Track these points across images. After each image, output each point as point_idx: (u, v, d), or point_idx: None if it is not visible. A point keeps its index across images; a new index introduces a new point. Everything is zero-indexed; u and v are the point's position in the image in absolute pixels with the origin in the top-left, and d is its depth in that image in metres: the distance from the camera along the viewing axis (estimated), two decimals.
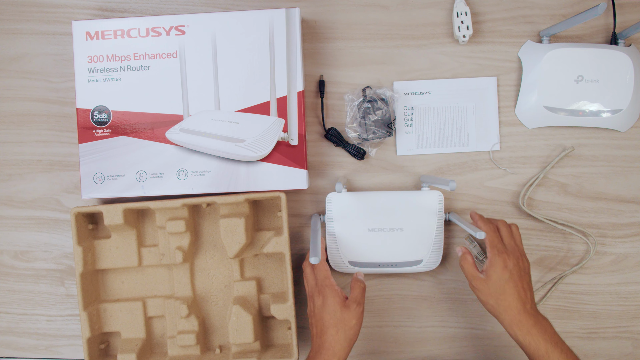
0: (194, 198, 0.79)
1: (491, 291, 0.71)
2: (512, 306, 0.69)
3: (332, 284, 0.74)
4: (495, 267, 0.71)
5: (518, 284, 0.71)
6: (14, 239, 0.86)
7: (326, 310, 0.72)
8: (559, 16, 0.84)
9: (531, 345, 0.68)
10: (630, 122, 0.83)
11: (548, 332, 0.68)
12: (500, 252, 0.72)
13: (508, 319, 0.69)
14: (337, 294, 0.73)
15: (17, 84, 0.85)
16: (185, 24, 0.79)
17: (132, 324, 0.82)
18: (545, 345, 0.67)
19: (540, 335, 0.68)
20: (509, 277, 0.71)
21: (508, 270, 0.71)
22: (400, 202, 0.80)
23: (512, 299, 0.70)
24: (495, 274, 0.71)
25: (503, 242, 0.75)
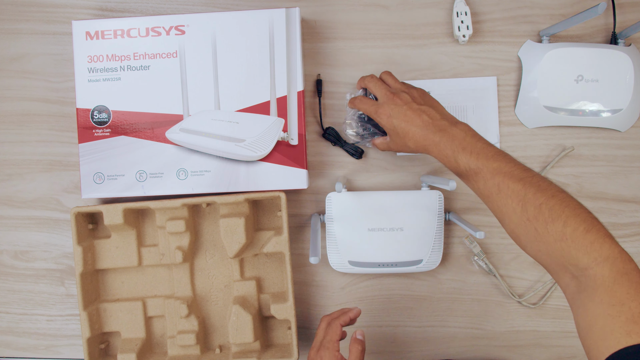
0: (194, 198, 0.79)
1: (398, 140, 0.69)
2: (416, 136, 0.67)
3: (334, 347, 0.67)
4: (382, 123, 0.70)
5: (407, 115, 0.67)
6: (14, 239, 0.86)
7: None
8: (559, 16, 0.84)
9: (442, 159, 0.65)
10: (630, 122, 0.83)
11: (456, 138, 0.65)
12: (376, 109, 0.70)
13: (420, 147, 0.67)
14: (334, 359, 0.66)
15: (17, 84, 0.85)
16: (185, 24, 0.79)
17: (132, 323, 0.82)
18: (453, 154, 0.64)
19: (447, 144, 0.64)
20: (396, 119, 0.68)
21: (392, 116, 0.68)
22: (400, 202, 0.80)
23: (412, 132, 0.67)
24: (387, 127, 0.69)
25: (390, 89, 0.72)
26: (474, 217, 0.85)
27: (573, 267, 0.53)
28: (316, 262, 0.69)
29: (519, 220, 0.58)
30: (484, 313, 0.85)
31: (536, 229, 0.56)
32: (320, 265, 0.85)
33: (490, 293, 0.85)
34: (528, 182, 0.58)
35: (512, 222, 0.59)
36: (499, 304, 0.85)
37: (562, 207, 0.55)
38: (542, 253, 0.56)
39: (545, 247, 0.55)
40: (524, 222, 0.57)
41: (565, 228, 0.54)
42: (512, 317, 0.85)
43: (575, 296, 0.53)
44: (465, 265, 0.85)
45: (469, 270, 0.85)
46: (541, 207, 0.56)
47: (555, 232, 0.54)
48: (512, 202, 0.58)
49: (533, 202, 0.57)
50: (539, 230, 0.55)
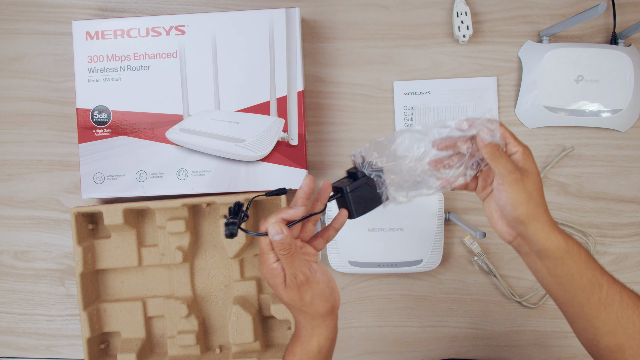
0: (194, 198, 0.79)
1: (532, 187, 0.55)
2: (547, 211, 0.56)
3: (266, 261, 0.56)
4: (531, 157, 0.56)
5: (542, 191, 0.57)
6: (14, 239, 0.86)
7: (274, 292, 0.60)
8: (559, 16, 0.84)
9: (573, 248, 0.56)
10: (630, 122, 0.83)
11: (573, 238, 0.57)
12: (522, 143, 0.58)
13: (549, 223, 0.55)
14: (273, 273, 0.56)
15: (17, 84, 0.85)
16: (185, 24, 0.79)
17: (132, 324, 0.82)
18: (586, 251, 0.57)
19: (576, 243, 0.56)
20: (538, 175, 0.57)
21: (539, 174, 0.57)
22: None
23: (543, 202, 0.56)
24: (533, 166, 0.56)
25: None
26: (474, 217, 0.85)
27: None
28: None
29: (636, 334, 0.55)
30: (484, 313, 0.85)
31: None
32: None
33: (490, 293, 0.85)
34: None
35: (625, 335, 0.55)
36: (499, 304, 0.85)
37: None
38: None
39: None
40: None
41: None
42: (512, 317, 0.85)
43: None
44: (465, 265, 0.85)
45: (469, 270, 0.85)
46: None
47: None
48: (632, 314, 0.55)
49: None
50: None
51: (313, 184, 0.57)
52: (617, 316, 0.56)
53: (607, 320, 0.56)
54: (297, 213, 0.55)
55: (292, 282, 0.55)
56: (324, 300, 0.57)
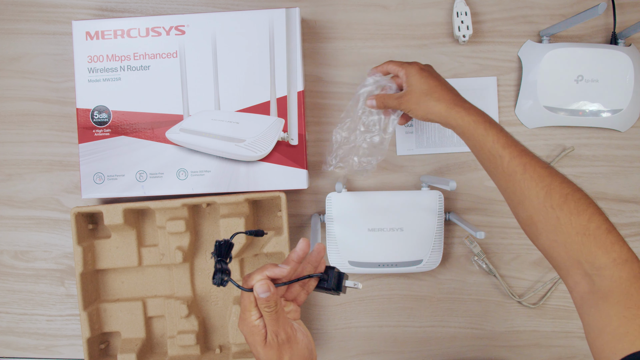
0: (194, 198, 0.79)
1: (419, 94, 0.67)
2: (445, 95, 0.66)
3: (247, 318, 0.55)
4: (412, 74, 0.68)
5: (441, 80, 0.68)
6: (14, 239, 0.86)
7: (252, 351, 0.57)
8: (559, 16, 0.84)
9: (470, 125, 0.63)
10: (630, 122, 0.83)
11: (486, 115, 0.64)
12: (410, 64, 0.70)
13: (444, 107, 0.65)
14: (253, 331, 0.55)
15: (17, 84, 0.85)
16: (185, 24, 0.79)
17: (132, 324, 0.82)
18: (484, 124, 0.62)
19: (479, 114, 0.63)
20: (428, 75, 0.68)
21: (425, 71, 0.68)
22: (400, 202, 0.80)
23: (440, 90, 0.67)
24: (414, 77, 0.68)
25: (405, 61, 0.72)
26: (474, 217, 0.85)
27: (588, 265, 0.52)
28: None
29: (541, 206, 0.56)
30: (484, 313, 0.85)
31: (558, 218, 0.54)
32: None
33: (490, 293, 0.85)
34: (554, 171, 0.57)
35: (532, 206, 0.56)
36: (499, 304, 0.85)
37: (587, 202, 0.55)
38: (558, 244, 0.55)
39: (563, 238, 0.54)
40: (547, 208, 0.55)
41: (589, 223, 0.53)
42: (512, 317, 0.85)
43: (585, 296, 0.52)
44: (465, 265, 0.85)
45: (469, 270, 0.85)
46: (567, 197, 0.55)
47: (578, 225, 0.53)
48: (536, 186, 0.56)
49: (559, 191, 0.55)
50: (561, 220, 0.54)
51: (307, 249, 0.58)
52: (521, 187, 0.58)
53: (515, 191, 0.59)
54: (283, 272, 0.55)
55: (273, 340, 0.54)
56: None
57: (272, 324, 0.54)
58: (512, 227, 0.84)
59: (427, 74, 0.68)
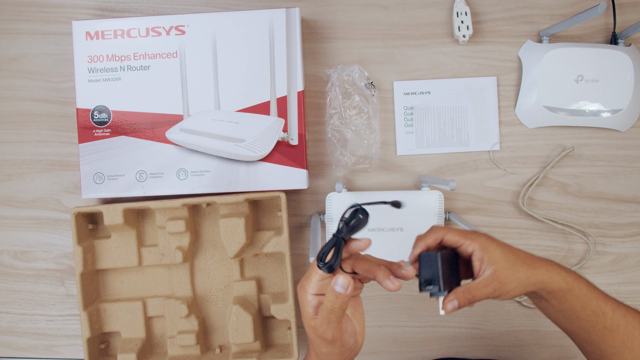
0: (194, 198, 0.79)
1: (510, 267, 0.56)
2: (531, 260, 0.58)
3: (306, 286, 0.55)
4: (489, 246, 0.57)
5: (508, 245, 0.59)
6: (14, 239, 0.86)
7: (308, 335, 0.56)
8: (559, 16, 0.84)
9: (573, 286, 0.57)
10: (630, 122, 0.83)
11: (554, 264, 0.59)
12: (471, 233, 0.58)
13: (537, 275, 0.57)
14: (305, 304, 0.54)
15: (17, 84, 0.85)
16: (185, 24, 0.79)
17: (132, 324, 0.82)
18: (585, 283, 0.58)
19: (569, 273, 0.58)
20: (500, 242, 0.58)
21: (493, 239, 0.58)
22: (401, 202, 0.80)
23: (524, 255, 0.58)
24: (495, 251, 0.56)
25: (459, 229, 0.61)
26: (474, 217, 0.85)
27: None
28: None
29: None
30: (484, 313, 0.85)
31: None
32: None
33: None
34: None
35: (632, 355, 0.58)
36: (499, 304, 0.85)
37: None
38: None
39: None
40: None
41: None
42: (512, 317, 0.85)
43: None
44: None
45: None
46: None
47: None
48: (638, 335, 0.57)
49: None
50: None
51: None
52: (623, 339, 0.58)
53: (614, 344, 0.58)
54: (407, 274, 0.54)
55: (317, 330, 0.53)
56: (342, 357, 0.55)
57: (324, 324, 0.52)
58: (512, 227, 0.84)
59: (497, 241, 0.58)
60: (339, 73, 0.81)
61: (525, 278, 0.56)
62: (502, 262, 0.56)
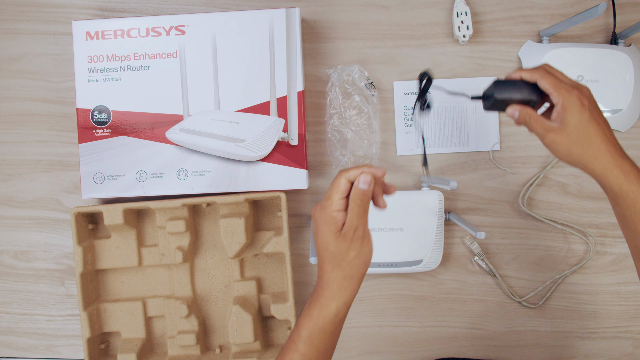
0: (194, 198, 0.79)
1: (573, 138, 0.57)
2: (603, 149, 0.57)
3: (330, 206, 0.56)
4: (571, 108, 0.57)
5: (601, 123, 0.58)
6: (14, 239, 0.86)
7: (318, 240, 0.57)
8: (559, 16, 0.84)
9: (629, 193, 0.56)
10: (630, 122, 0.83)
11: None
12: (570, 89, 0.58)
13: (601, 165, 0.57)
14: (331, 221, 0.56)
15: (17, 84, 0.85)
16: (185, 24, 0.79)
17: (132, 324, 0.82)
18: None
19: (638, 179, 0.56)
20: (589, 116, 0.57)
21: (587, 108, 0.57)
22: (400, 202, 0.80)
23: (600, 141, 0.57)
24: (573, 116, 0.57)
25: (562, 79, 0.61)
26: (474, 217, 0.85)
27: None
28: (316, 262, 0.69)
29: None
30: (484, 313, 0.85)
31: None
32: None
33: (490, 293, 0.85)
34: None
35: None
36: (499, 304, 0.85)
37: None
38: None
39: None
40: None
41: None
42: (512, 317, 0.85)
43: None
44: (466, 265, 0.85)
45: (469, 270, 0.85)
46: None
47: None
48: None
49: None
50: None
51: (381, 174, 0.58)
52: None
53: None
54: (379, 173, 0.56)
55: (348, 233, 0.56)
56: (363, 263, 0.57)
57: (355, 218, 0.55)
58: (512, 227, 0.84)
59: (589, 114, 0.58)
60: (339, 73, 0.81)
61: (588, 165, 0.58)
62: (573, 133, 0.58)
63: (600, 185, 0.59)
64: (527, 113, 0.60)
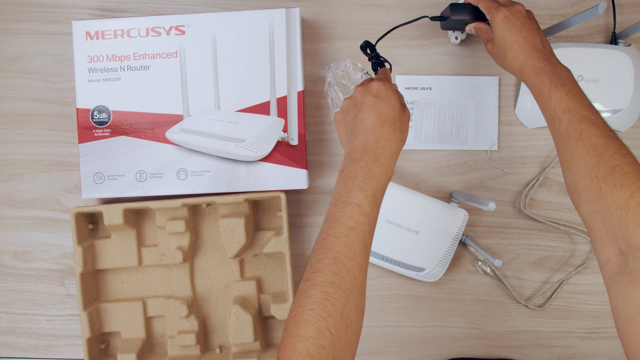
0: (194, 198, 0.79)
1: (497, 47, 0.68)
2: (520, 52, 0.65)
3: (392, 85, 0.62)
4: (495, 22, 0.67)
5: (524, 31, 0.66)
6: (14, 239, 0.86)
7: (383, 102, 0.58)
8: (559, 16, 0.84)
9: (536, 85, 0.62)
10: (630, 122, 0.83)
11: (559, 75, 0.61)
12: (498, 7, 0.68)
13: (517, 66, 0.65)
14: (397, 94, 0.61)
15: (17, 84, 0.85)
16: (185, 24, 0.79)
17: (132, 324, 0.82)
18: (550, 86, 0.61)
19: (548, 75, 0.61)
20: (510, 26, 0.66)
21: (509, 20, 0.66)
22: (426, 207, 0.80)
23: (518, 46, 0.65)
24: (496, 28, 0.67)
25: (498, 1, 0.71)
26: (474, 218, 0.84)
27: (624, 242, 0.50)
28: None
29: (587, 175, 0.55)
30: (484, 313, 0.85)
31: (601, 189, 0.53)
32: None
33: (490, 293, 0.85)
34: (610, 142, 0.55)
35: (578, 173, 0.56)
36: (499, 304, 0.85)
37: (636, 177, 0.52)
38: (597, 215, 0.53)
39: (603, 210, 0.52)
40: (592, 178, 0.54)
41: (631, 198, 0.50)
42: (512, 318, 0.85)
43: (615, 276, 0.50)
44: (466, 266, 0.85)
45: (469, 270, 0.85)
46: (615, 169, 0.53)
47: (619, 199, 0.51)
48: (587, 154, 0.55)
49: (608, 162, 0.53)
50: (603, 191, 0.52)
51: None
52: (572, 153, 0.57)
53: (566, 156, 0.59)
54: None
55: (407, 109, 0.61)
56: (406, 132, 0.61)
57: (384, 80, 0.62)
58: (512, 227, 0.84)
59: (510, 24, 0.66)
60: (333, 71, 0.81)
61: (509, 67, 0.67)
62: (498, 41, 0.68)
63: (525, 84, 0.66)
64: (479, 27, 0.74)
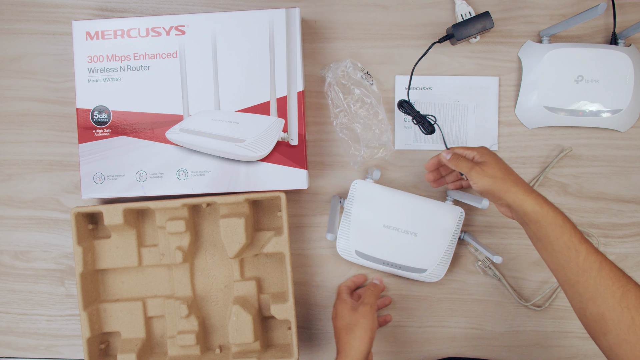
0: (194, 198, 0.79)
1: (495, 170, 0.67)
2: (521, 182, 0.66)
3: (344, 297, 0.78)
4: (487, 152, 0.69)
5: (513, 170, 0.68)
6: (14, 239, 0.86)
7: (337, 317, 0.75)
8: (559, 16, 0.84)
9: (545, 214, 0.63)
10: (630, 122, 0.83)
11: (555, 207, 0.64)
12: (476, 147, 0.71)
13: (522, 190, 0.65)
14: (346, 302, 0.76)
15: (17, 84, 0.85)
16: (185, 24, 0.79)
17: (132, 324, 0.82)
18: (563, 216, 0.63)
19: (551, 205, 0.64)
20: (501, 159, 0.69)
21: (497, 155, 0.69)
22: (422, 208, 0.80)
23: (517, 177, 0.67)
24: (490, 156, 0.69)
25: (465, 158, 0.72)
26: (474, 217, 0.84)
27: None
28: (332, 239, 0.72)
29: (616, 305, 0.57)
30: (484, 313, 0.85)
31: (633, 319, 0.56)
32: (321, 265, 0.85)
33: (490, 293, 0.85)
34: (626, 273, 0.59)
35: (605, 304, 0.58)
36: (499, 304, 0.85)
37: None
38: (628, 344, 0.56)
39: (635, 339, 0.56)
40: (622, 308, 0.57)
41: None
42: (512, 318, 0.85)
43: None
44: (466, 266, 0.85)
45: (469, 270, 0.85)
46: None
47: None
48: (612, 285, 0.58)
49: (636, 293, 0.57)
50: (635, 321, 0.56)
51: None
52: (596, 284, 0.58)
53: (588, 287, 0.59)
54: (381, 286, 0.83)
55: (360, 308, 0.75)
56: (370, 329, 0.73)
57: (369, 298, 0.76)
58: (512, 227, 0.84)
59: (500, 158, 0.69)
60: (333, 71, 0.81)
61: (509, 191, 0.65)
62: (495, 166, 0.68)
63: (522, 211, 0.64)
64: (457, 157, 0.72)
